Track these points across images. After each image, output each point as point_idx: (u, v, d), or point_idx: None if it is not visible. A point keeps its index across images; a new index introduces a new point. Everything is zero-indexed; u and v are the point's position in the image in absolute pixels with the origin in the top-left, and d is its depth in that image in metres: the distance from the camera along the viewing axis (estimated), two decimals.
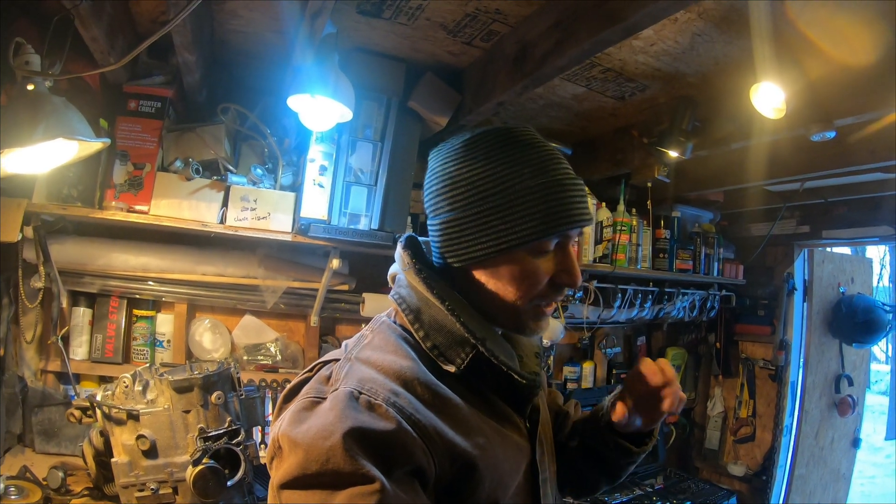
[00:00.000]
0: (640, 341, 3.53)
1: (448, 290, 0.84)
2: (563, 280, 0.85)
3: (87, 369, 2.07)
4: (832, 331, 3.54)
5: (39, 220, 1.77)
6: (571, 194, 0.82)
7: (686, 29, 1.63)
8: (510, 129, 0.86)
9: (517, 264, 0.83)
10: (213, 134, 1.97)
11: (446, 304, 0.82)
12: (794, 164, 2.40)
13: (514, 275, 0.84)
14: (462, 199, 0.83)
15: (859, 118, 1.79)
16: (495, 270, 0.84)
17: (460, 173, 0.84)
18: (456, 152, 0.86)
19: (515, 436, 0.88)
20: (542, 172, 0.82)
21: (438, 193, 0.87)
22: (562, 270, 0.85)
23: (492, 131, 0.86)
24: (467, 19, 1.69)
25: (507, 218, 0.80)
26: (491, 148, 0.84)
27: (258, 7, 1.67)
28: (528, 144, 0.84)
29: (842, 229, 3.14)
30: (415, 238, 0.93)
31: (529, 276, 0.84)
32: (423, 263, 0.87)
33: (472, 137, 0.86)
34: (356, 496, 0.65)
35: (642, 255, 2.92)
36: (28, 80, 1.30)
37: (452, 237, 0.85)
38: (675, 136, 2.10)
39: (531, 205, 0.80)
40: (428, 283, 0.83)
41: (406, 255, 0.88)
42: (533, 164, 0.82)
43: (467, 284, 0.87)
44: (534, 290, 0.84)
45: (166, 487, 1.52)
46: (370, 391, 0.74)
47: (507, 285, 0.84)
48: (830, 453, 3.64)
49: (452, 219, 0.84)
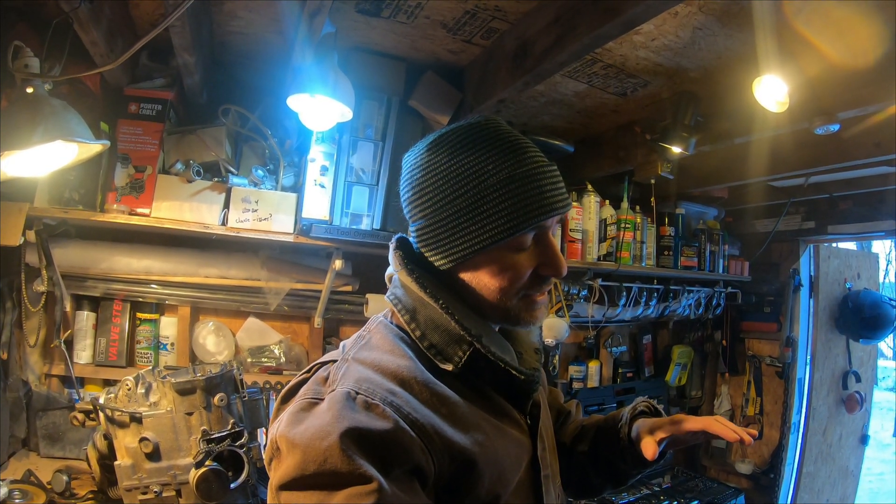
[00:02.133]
0: (645, 340, 3.51)
1: (441, 289, 0.83)
2: (546, 272, 0.85)
3: (91, 373, 2.07)
4: (839, 327, 3.53)
5: (41, 223, 1.77)
6: (540, 184, 0.80)
7: (687, 23, 1.62)
8: (471, 125, 0.84)
9: (497, 262, 0.83)
10: (213, 136, 1.97)
11: (440, 302, 0.81)
12: (799, 159, 2.38)
13: (494, 272, 0.83)
14: (430, 205, 0.83)
15: (863, 111, 1.78)
16: (476, 270, 0.84)
17: (426, 179, 0.83)
18: (420, 157, 0.86)
19: (516, 432, 0.87)
20: (505, 165, 0.80)
21: (409, 202, 0.87)
22: (543, 263, 0.84)
23: (453, 129, 0.85)
24: (467, 17, 1.68)
25: (475, 218, 0.80)
26: (453, 147, 0.83)
27: (257, 8, 1.67)
28: (490, 137, 0.82)
29: (847, 224, 3.12)
30: (406, 238, 0.92)
31: (510, 271, 0.83)
32: (415, 263, 0.86)
33: (434, 140, 0.85)
34: (353, 496, 0.65)
35: (647, 252, 2.91)
36: (27, 83, 1.30)
37: (430, 243, 0.85)
38: (677, 132, 2.09)
39: (498, 201, 0.79)
40: (420, 283, 0.83)
41: (397, 255, 0.87)
42: (495, 158, 0.80)
43: (456, 285, 0.86)
44: (516, 284, 0.84)
45: (170, 490, 1.52)
46: (367, 391, 0.73)
47: (490, 282, 0.83)
48: (838, 450, 3.63)
49: (426, 225, 0.84)
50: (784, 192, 3.12)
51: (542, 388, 1.04)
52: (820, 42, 1.60)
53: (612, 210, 2.78)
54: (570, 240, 2.62)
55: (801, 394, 3.40)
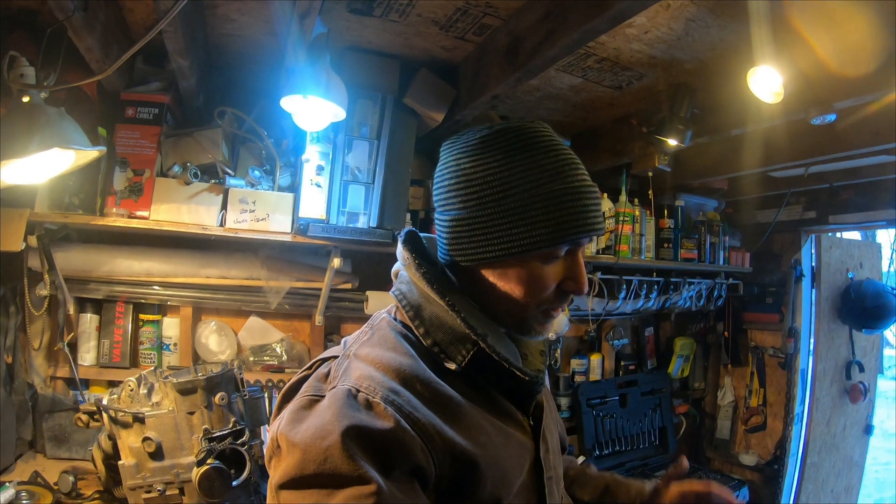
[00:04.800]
0: (647, 332, 3.50)
1: (449, 287, 0.83)
2: (569, 287, 0.85)
3: (95, 375, 2.09)
4: (842, 317, 3.51)
5: (42, 228, 1.78)
6: (587, 203, 0.81)
7: (679, 15, 1.61)
8: (528, 129, 0.84)
9: (527, 269, 0.82)
10: (210, 138, 1.98)
11: (447, 300, 0.81)
12: (797, 149, 2.38)
13: (522, 279, 0.83)
14: (475, 199, 0.82)
15: (859, 100, 1.77)
16: (504, 272, 0.84)
17: (475, 171, 0.83)
18: (471, 148, 0.85)
19: (518, 434, 0.87)
20: (559, 178, 0.81)
21: (450, 189, 0.85)
22: (569, 277, 0.85)
23: (509, 129, 0.84)
24: (458, 14, 1.68)
25: (520, 222, 0.79)
26: (508, 148, 0.82)
27: (250, 11, 1.68)
28: (547, 148, 0.83)
29: (848, 214, 3.11)
30: (415, 233, 0.92)
31: (538, 281, 0.83)
32: (423, 259, 0.86)
33: (489, 134, 0.84)
34: (353, 497, 0.65)
35: (646, 245, 2.91)
36: (23, 93, 1.31)
37: (462, 236, 0.84)
38: (673, 124, 2.09)
39: (546, 211, 0.79)
40: (428, 279, 0.82)
41: (406, 250, 0.87)
42: (550, 170, 0.81)
43: (473, 283, 0.86)
44: (541, 294, 0.84)
45: (173, 488, 1.54)
46: (368, 389, 0.73)
47: (514, 288, 0.83)
48: (843, 441, 3.62)
49: (463, 217, 0.83)
50: (784, 182, 3.11)
51: (548, 391, 1.05)
52: (815, 32, 1.59)
53: (611, 203, 2.78)
54: None
55: (804, 384, 3.39)
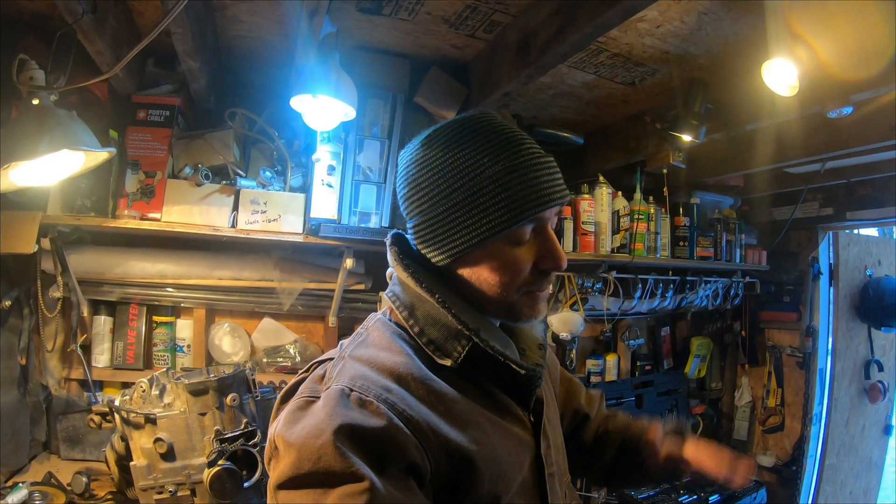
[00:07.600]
0: (664, 332, 3.46)
1: (437, 284, 0.83)
2: (546, 265, 0.84)
3: (109, 376, 2.11)
4: (860, 315, 3.44)
5: (55, 231, 1.80)
6: (537, 175, 0.79)
7: (691, 8, 1.59)
8: (465, 119, 0.84)
9: (495, 256, 0.82)
10: (221, 139, 1.98)
11: (437, 297, 0.81)
12: (814, 144, 2.32)
13: (494, 267, 0.82)
14: (427, 201, 0.82)
15: (876, 92, 1.73)
16: (476, 265, 0.83)
17: (421, 174, 0.83)
18: (415, 153, 0.85)
19: (518, 429, 0.86)
20: (500, 157, 0.79)
21: (406, 199, 0.86)
22: (543, 256, 0.83)
23: (447, 124, 0.84)
24: (468, 11, 1.67)
25: (473, 212, 0.79)
26: (448, 142, 0.82)
27: (260, 11, 1.67)
28: (484, 131, 0.82)
29: (867, 210, 3.05)
30: (401, 235, 0.92)
31: (511, 265, 0.82)
32: (410, 259, 0.86)
33: (428, 135, 0.85)
34: (346, 495, 0.65)
35: (661, 243, 2.87)
36: (33, 95, 1.32)
37: (427, 239, 0.84)
38: (687, 120, 2.05)
39: (494, 194, 0.78)
40: (416, 278, 0.82)
41: (393, 251, 0.87)
42: (490, 151, 0.80)
43: (455, 282, 0.86)
44: (517, 279, 0.83)
45: (184, 489, 1.54)
46: (361, 388, 0.73)
47: (490, 277, 0.83)
48: (861, 441, 3.55)
49: (422, 221, 0.84)
50: (800, 178, 3.05)
51: (549, 385, 1.03)
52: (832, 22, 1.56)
53: (625, 201, 2.74)
54: (583, 232, 2.60)
55: (822, 384, 3.33)
